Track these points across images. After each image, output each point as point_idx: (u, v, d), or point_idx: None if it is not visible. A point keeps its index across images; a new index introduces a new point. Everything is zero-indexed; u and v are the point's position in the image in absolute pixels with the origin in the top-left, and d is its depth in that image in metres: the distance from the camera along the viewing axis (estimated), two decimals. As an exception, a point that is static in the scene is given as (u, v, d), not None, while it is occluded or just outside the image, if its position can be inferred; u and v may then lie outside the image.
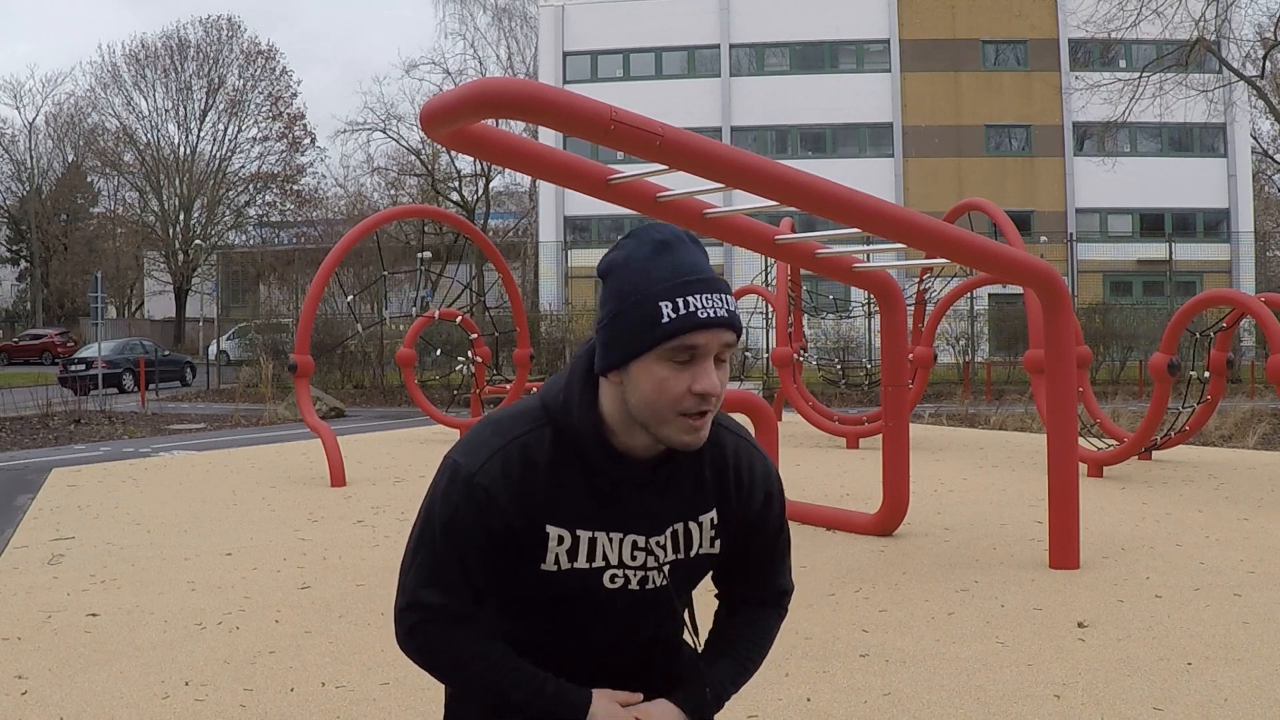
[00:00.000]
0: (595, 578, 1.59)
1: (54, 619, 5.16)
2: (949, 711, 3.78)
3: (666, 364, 1.46)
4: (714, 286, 1.47)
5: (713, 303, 1.45)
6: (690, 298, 1.45)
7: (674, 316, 1.44)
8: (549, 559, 1.56)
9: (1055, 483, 6.10)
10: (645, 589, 1.62)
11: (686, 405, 1.46)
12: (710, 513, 1.62)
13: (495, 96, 4.04)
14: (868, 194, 5.24)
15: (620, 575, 1.60)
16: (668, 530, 1.60)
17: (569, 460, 1.55)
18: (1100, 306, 26.93)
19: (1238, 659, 4.29)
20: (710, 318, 1.44)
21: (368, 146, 76.14)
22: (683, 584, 1.68)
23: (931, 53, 36.00)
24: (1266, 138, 42.46)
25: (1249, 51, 25.43)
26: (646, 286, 1.46)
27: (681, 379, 1.46)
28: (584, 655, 1.67)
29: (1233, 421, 13.36)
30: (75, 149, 51.18)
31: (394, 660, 4.45)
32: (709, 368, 1.46)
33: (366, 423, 17.32)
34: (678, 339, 1.44)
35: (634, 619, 1.65)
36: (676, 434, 1.49)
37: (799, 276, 14.29)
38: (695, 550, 1.63)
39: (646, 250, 1.50)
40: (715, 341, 1.46)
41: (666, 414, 1.47)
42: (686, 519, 1.61)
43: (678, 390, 1.46)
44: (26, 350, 40.43)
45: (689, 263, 1.48)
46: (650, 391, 1.47)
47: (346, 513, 8.26)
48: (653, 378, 1.46)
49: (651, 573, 1.61)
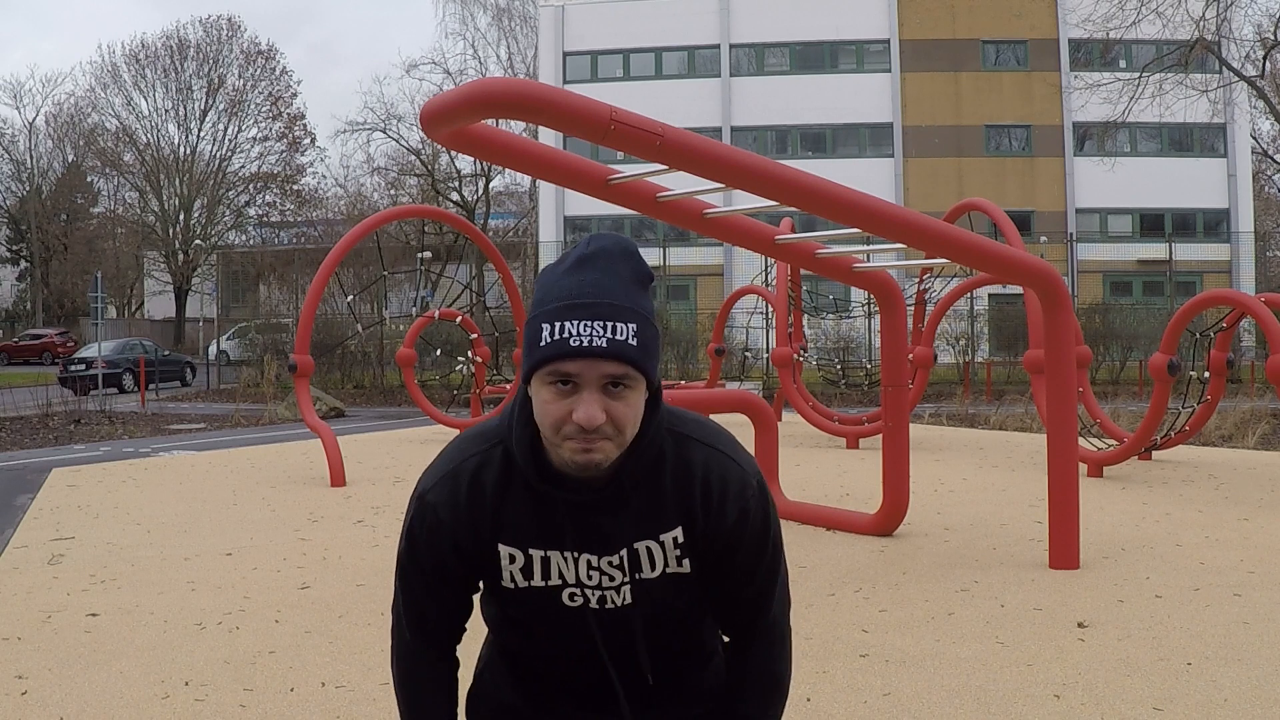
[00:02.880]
0: (553, 596, 1.58)
1: (54, 619, 5.16)
2: (949, 711, 3.78)
3: (549, 387, 1.43)
4: (598, 313, 1.41)
5: (591, 330, 1.40)
6: (568, 323, 1.41)
7: (549, 341, 1.42)
8: (505, 577, 1.57)
9: (1055, 483, 6.10)
10: (605, 608, 1.58)
11: (568, 431, 1.43)
12: (673, 531, 1.55)
13: (495, 96, 4.04)
14: (868, 194, 5.24)
15: (579, 594, 1.57)
16: (621, 551, 1.55)
17: (517, 480, 1.54)
18: (1100, 306, 26.93)
19: (1238, 659, 4.29)
20: (582, 347, 1.40)
21: (368, 146, 76.24)
22: (659, 604, 1.60)
23: (931, 53, 36.00)
24: (1266, 138, 42.50)
25: (1249, 51, 25.43)
26: (540, 306, 1.45)
27: (562, 405, 1.43)
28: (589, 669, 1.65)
29: (1233, 421, 13.35)
30: (75, 149, 51.21)
31: (394, 660, 4.46)
32: (589, 398, 1.41)
33: (366, 423, 17.32)
34: (550, 364, 1.42)
35: (616, 637, 1.61)
36: (569, 455, 1.45)
37: (799, 276, 14.29)
38: (659, 570, 1.57)
39: (563, 266, 1.48)
40: (593, 371, 1.41)
41: (554, 437, 1.45)
42: (645, 538, 1.55)
43: (558, 415, 1.43)
44: (26, 350, 40.43)
45: (587, 285, 1.44)
46: (539, 412, 1.46)
47: (346, 513, 8.26)
48: (540, 399, 1.45)
49: (609, 592, 1.57)
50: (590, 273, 1.45)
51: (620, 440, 1.46)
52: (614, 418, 1.43)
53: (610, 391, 1.42)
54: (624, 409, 1.44)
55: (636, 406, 1.46)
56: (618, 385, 1.42)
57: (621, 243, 1.51)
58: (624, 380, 1.42)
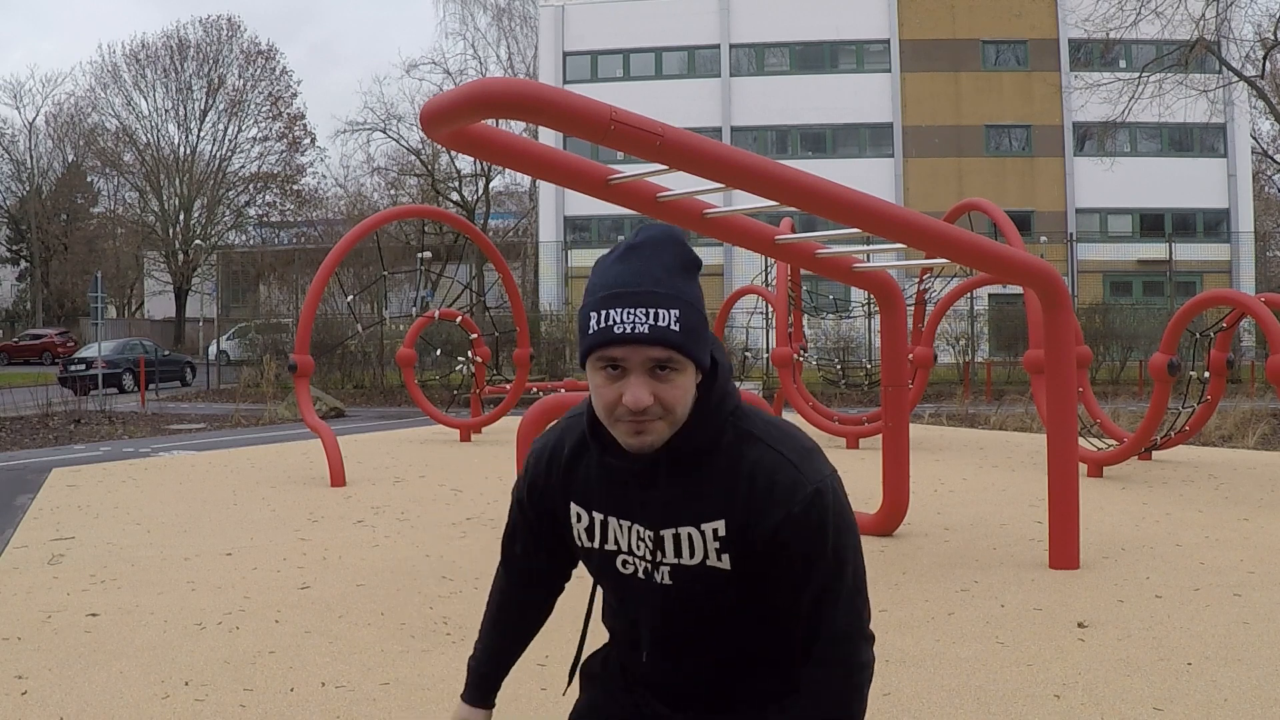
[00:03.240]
0: (610, 560, 1.68)
1: (54, 619, 5.16)
2: (949, 711, 3.78)
3: (600, 373, 1.52)
4: (638, 301, 1.47)
5: (632, 318, 1.47)
6: (612, 311, 1.48)
7: (596, 329, 1.50)
8: (574, 535, 1.71)
9: (1055, 483, 6.10)
10: (652, 582, 1.63)
11: (619, 413, 1.51)
12: (715, 523, 1.56)
13: (495, 96, 4.04)
14: (868, 194, 5.24)
15: (630, 562, 1.65)
16: (666, 530, 1.59)
17: (591, 449, 1.66)
18: (1100, 306, 26.94)
19: (1238, 659, 4.29)
20: (625, 333, 1.47)
21: (368, 146, 76.24)
22: (701, 595, 1.61)
23: (931, 53, 36.00)
24: (1266, 138, 42.49)
25: (1249, 51, 25.42)
26: (590, 295, 1.53)
27: (613, 389, 1.51)
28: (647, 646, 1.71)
29: (1233, 421, 13.35)
30: (75, 149, 51.22)
31: (394, 660, 4.46)
32: (636, 381, 1.48)
33: (366, 423, 17.31)
34: (598, 351, 1.50)
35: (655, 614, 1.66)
36: (622, 437, 1.54)
37: (799, 276, 14.28)
38: (698, 559, 1.59)
39: (612, 257, 1.55)
40: (638, 356, 1.48)
41: (608, 419, 1.54)
42: (687, 524, 1.58)
43: (609, 398, 1.52)
44: (26, 350, 40.43)
45: (629, 274, 1.50)
46: (593, 395, 1.56)
47: (346, 513, 8.26)
48: (593, 384, 1.55)
49: (652, 567, 1.63)
50: (635, 261, 1.51)
51: (671, 419, 1.52)
52: (661, 400, 1.50)
53: (657, 375, 1.49)
54: (671, 391, 1.50)
55: (684, 388, 1.52)
56: (664, 369, 1.49)
57: (668, 230, 1.57)
58: (669, 364, 1.49)
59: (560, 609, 2.05)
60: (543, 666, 4.29)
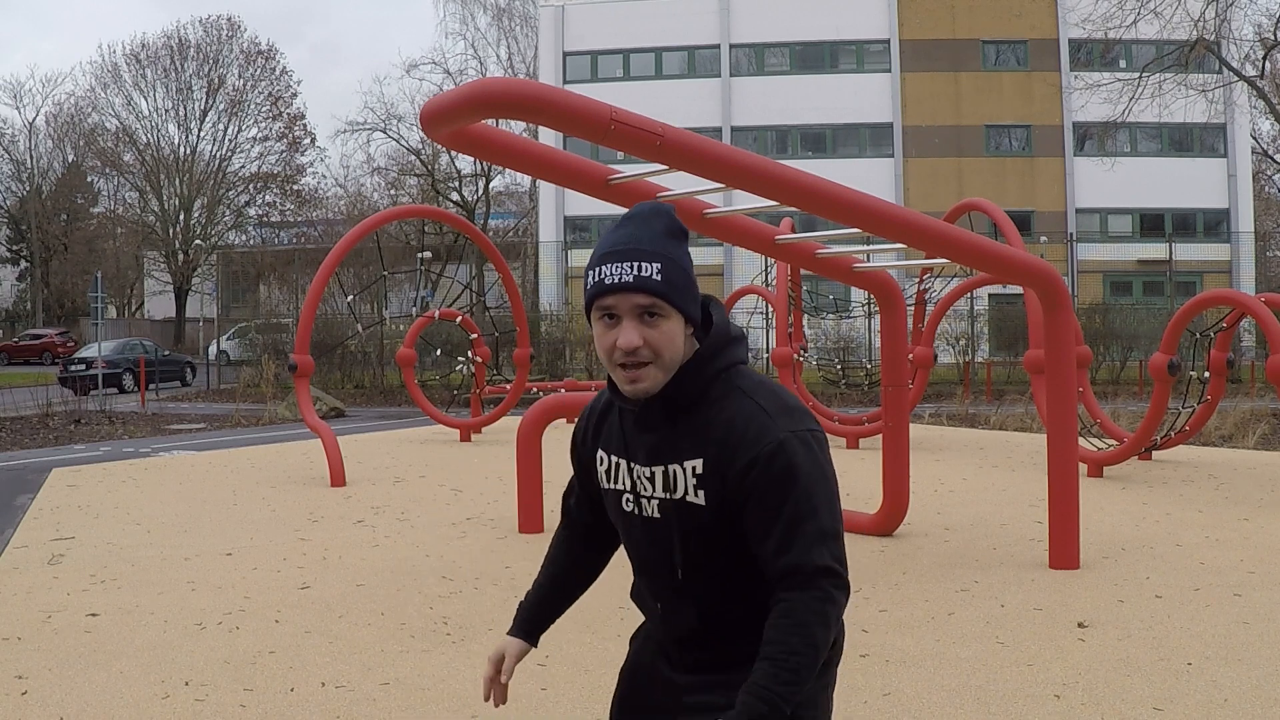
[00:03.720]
0: (618, 499, 1.86)
1: (54, 619, 5.16)
2: (949, 711, 3.78)
3: (599, 323, 1.73)
4: (625, 256, 1.69)
5: (619, 270, 1.68)
6: (603, 267, 1.70)
7: (592, 283, 1.72)
8: (600, 480, 1.90)
9: (1055, 483, 6.10)
10: (644, 517, 1.82)
11: (616, 357, 1.71)
12: (694, 461, 1.73)
13: (495, 96, 4.04)
14: (868, 194, 5.24)
15: (631, 500, 1.84)
16: (657, 467, 1.77)
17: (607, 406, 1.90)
18: (1100, 306, 26.93)
19: (1238, 659, 4.29)
20: (614, 283, 1.68)
21: (368, 146, 76.22)
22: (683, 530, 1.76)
23: (931, 53, 35.99)
24: (1266, 138, 42.47)
25: (1249, 51, 25.42)
26: (591, 257, 1.74)
27: (609, 335, 1.71)
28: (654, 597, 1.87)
29: (1233, 421, 13.35)
30: (75, 149, 51.19)
31: (394, 660, 4.46)
32: (627, 325, 1.69)
33: (366, 423, 17.31)
34: (595, 302, 1.72)
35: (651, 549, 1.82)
36: (621, 384, 1.74)
37: (799, 276, 14.28)
38: (681, 494, 1.75)
39: (614, 225, 1.76)
40: (626, 303, 1.69)
41: (609, 365, 1.74)
42: (672, 461, 1.76)
43: (607, 344, 1.72)
44: (26, 350, 40.40)
45: (618, 237, 1.72)
46: (597, 347, 1.75)
47: (346, 513, 8.26)
48: (596, 333, 1.75)
49: (644, 501, 1.81)
50: (628, 228, 1.73)
51: (661, 364, 1.71)
52: (650, 343, 1.69)
53: (646, 321, 1.69)
54: (658, 335, 1.69)
55: (670, 334, 1.70)
56: (652, 315, 1.69)
57: (657, 204, 1.78)
58: (654, 309, 1.68)
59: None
60: (543, 667, 4.29)
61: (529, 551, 6.72)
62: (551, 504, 8.03)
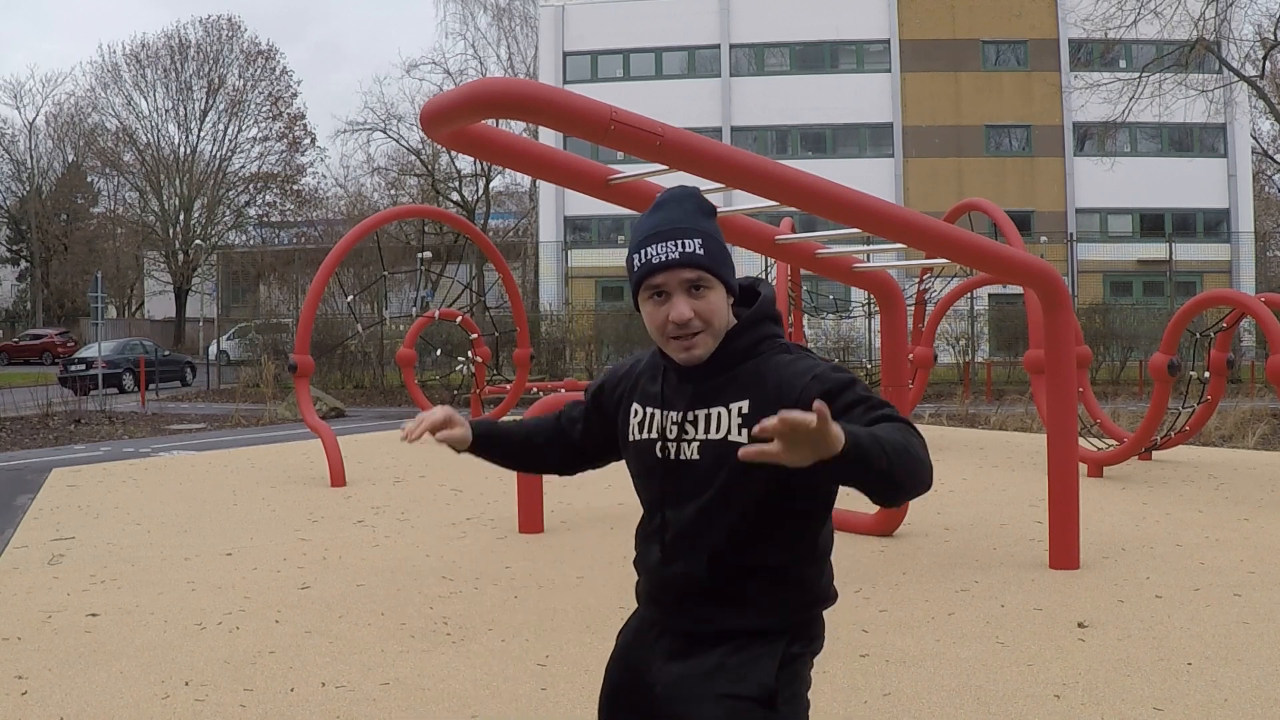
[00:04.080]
0: (651, 447, 1.95)
1: (54, 619, 5.16)
2: (949, 711, 3.78)
3: (649, 301, 1.87)
4: (669, 236, 1.82)
5: (665, 249, 1.81)
6: (649, 248, 1.83)
7: (639, 265, 1.85)
8: (630, 432, 2.00)
9: (1055, 483, 6.10)
10: (679, 459, 1.90)
11: (670, 330, 1.84)
12: (740, 402, 1.84)
13: (495, 96, 4.04)
14: (868, 194, 5.24)
15: (665, 447, 1.92)
16: (700, 410, 1.88)
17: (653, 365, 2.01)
18: (1100, 306, 26.91)
19: (1238, 659, 4.29)
20: (662, 261, 1.81)
21: (368, 146, 76.16)
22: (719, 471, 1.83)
23: (931, 53, 35.99)
24: (1266, 138, 42.46)
25: (1249, 51, 25.42)
26: (632, 243, 1.88)
27: (660, 311, 1.85)
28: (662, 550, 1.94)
29: (1233, 421, 13.35)
30: (75, 149, 51.18)
31: (394, 660, 4.46)
32: (677, 299, 1.82)
33: (366, 423, 17.31)
34: (644, 282, 1.85)
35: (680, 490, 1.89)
36: (674, 352, 1.87)
37: (799, 276, 14.28)
38: (723, 434, 1.84)
39: (647, 212, 1.90)
40: (674, 279, 1.82)
41: (661, 338, 1.88)
42: (716, 405, 1.86)
43: (659, 320, 1.85)
44: (26, 350, 40.39)
45: (658, 219, 1.86)
46: (647, 323, 1.89)
47: (346, 513, 8.26)
48: (646, 312, 1.89)
49: (684, 444, 1.89)
50: (662, 211, 1.87)
51: (711, 331, 1.84)
52: (700, 313, 1.82)
53: (693, 294, 1.83)
54: (706, 305, 1.83)
55: (717, 303, 1.84)
56: (698, 288, 1.82)
57: (684, 187, 1.93)
58: (700, 282, 1.82)
59: (560, 612, 2.06)
60: (543, 667, 4.29)
61: (529, 551, 6.72)
62: (551, 504, 8.03)
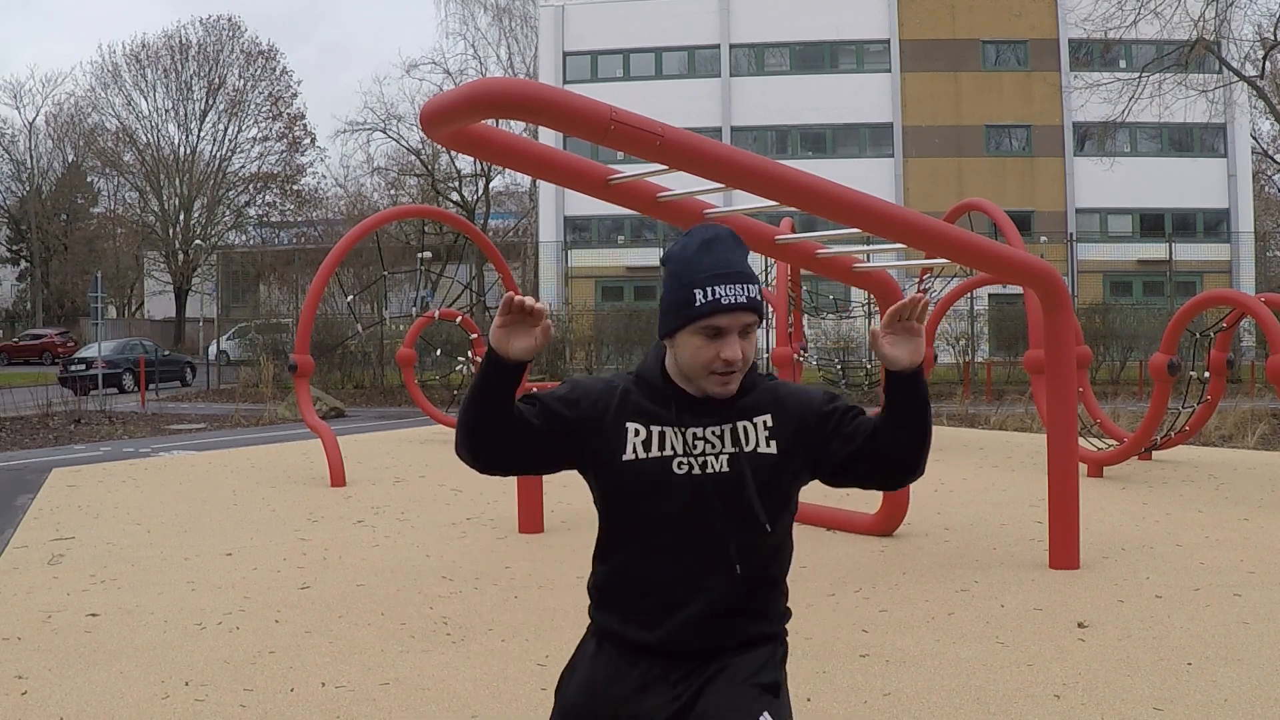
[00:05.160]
0: (665, 465, 1.93)
1: (54, 619, 5.16)
2: (949, 711, 3.78)
3: (699, 336, 1.88)
4: (739, 279, 1.88)
5: (734, 292, 1.87)
6: (717, 287, 1.87)
7: (704, 301, 1.86)
8: (628, 450, 1.95)
9: (1055, 483, 6.10)
10: (706, 473, 1.93)
11: (716, 367, 1.89)
12: (764, 416, 1.96)
13: (495, 96, 4.04)
14: (868, 194, 5.24)
15: (685, 463, 1.93)
16: (725, 425, 1.94)
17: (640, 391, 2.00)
18: (1100, 306, 26.91)
19: (1238, 659, 4.29)
20: (731, 304, 1.86)
21: (368, 146, 76.11)
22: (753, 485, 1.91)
23: (931, 53, 35.98)
24: (1266, 138, 42.43)
25: (1249, 51, 25.41)
26: (688, 276, 1.89)
27: (711, 348, 1.89)
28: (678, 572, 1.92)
29: (1233, 421, 13.35)
30: (75, 149, 51.16)
31: (394, 660, 4.46)
32: (733, 340, 1.88)
33: (366, 423, 17.31)
34: (706, 319, 1.87)
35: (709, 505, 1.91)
36: (710, 387, 1.92)
37: (799, 276, 14.28)
38: (753, 447, 1.94)
39: (694, 246, 1.93)
40: (737, 322, 1.88)
41: (700, 373, 1.91)
42: (742, 419, 1.95)
43: (707, 356, 1.89)
44: (26, 350, 40.36)
45: (722, 259, 1.90)
46: (688, 357, 1.91)
47: (346, 513, 8.26)
48: (690, 346, 1.90)
49: (709, 458, 1.93)
50: (720, 251, 1.92)
51: (743, 369, 1.93)
52: (745, 355, 1.91)
53: (745, 335, 1.91)
54: (750, 347, 1.92)
55: (754, 344, 1.94)
56: (748, 331, 1.91)
57: (729, 230, 1.97)
58: (752, 327, 1.91)
59: (560, 612, 2.06)
60: (543, 667, 4.29)
61: (529, 551, 6.73)
62: (551, 504, 8.03)
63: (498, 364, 1.91)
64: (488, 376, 1.93)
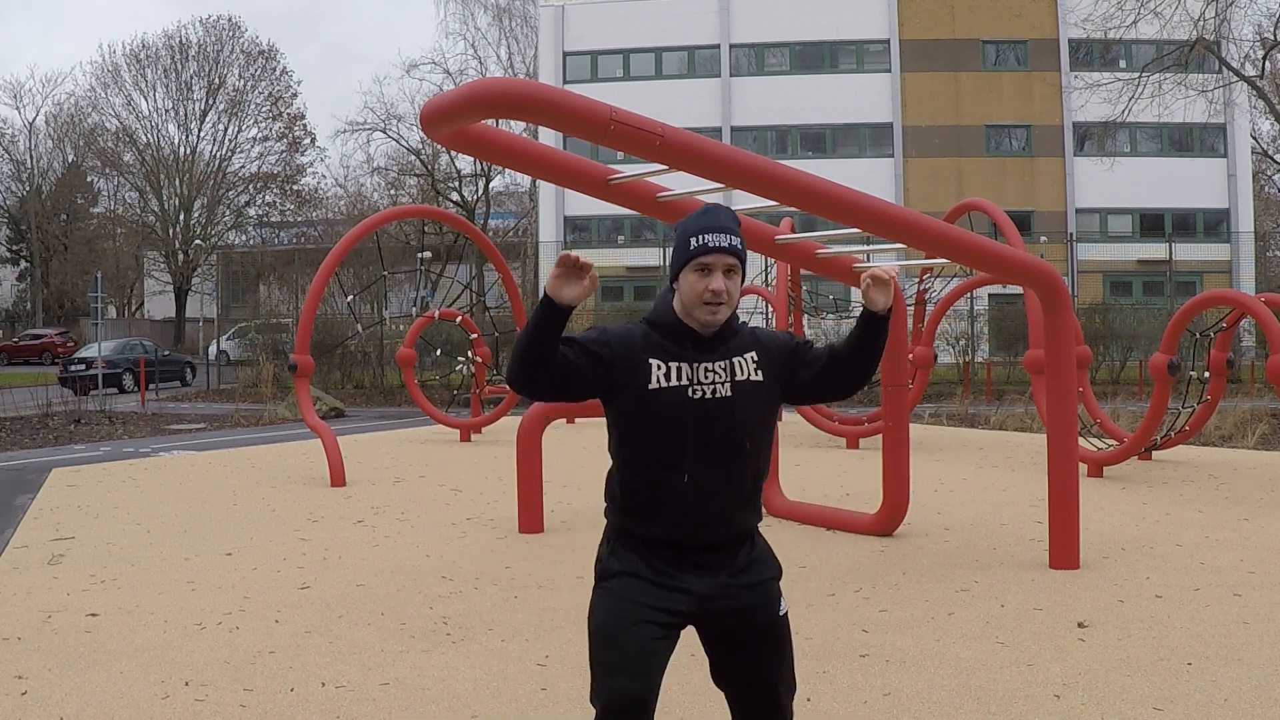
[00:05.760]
0: (682, 392, 2.47)
1: (54, 619, 5.16)
2: (949, 711, 3.78)
3: (694, 273, 2.47)
4: (724, 231, 2.46)
5: (719, 238, 2.45)
6: (706, 235, 2.46)
7: (696, 245, 2.46)
8: (653, 380, 2.47)
9: (1055, 483, 6.10)
10: (715, 397, 2.48)
11: (706, 298, 2.45)
12: (751, 353, 2.55)
13: (495, 96, 4.04)
14: (868, 194, 5.24)
15: (698, 389, 2.48)
16: (724, 360, 2.51)
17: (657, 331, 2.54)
18: (1100, 306, 26.91)
19: (1238, 659, 4.29)
20: (717, 246, 2.45)
21: (368, 146, 76.12)
22: (746, 402, 2.49)
23: (931, 53, 35.99)
24: (1266, 138, 42.44)
25: (1248, 51, 25.40)
26: (688, 231, 2.49)
27: (702, 282, 2.46)
28: (694, 476, 2.46)
29: (1232, 421, 13.35)
30: (75, 149, 51.15)
31: (394, 660, 4.46)
32: (718, 276, 2.45)
33: (366, 423, 17.31)
34: (698, 258, 2.46)
35: (715, 423, 2.46)
36: (702, 315, 2.48)
37: (799, 276, 14.27)
38: (746, 375, 2.52)
39: (697, 213, 2.53)
40: (721, 262, 2.46)
41: (695, 303, 2.47)
42: (735, 356, 2.53)
43: (700, 289, 2.46)
44: (26, 350, 40.37)
45: (714, 219, 2.49)
46: (686, 290, 2.49)
47: (346, 513, 8.26)
48: (688, 281, 2.48)
49: (717, 386, 2.49)
50: (713, 215, 2.51)
51: (730, 305, 2.49)
52: (729, 290, 2.47)
53: (729, 275, 2.47)
54: (733, 285, 2.48)
55: (738, 286, 2.49)
56: (731, 272, 2.48)
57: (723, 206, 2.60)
58: (734, 269, 2.48)
59: (560, 612, 2.05)
60: (543, 667, 4.29)
61: (529, 551, 6.73)
62: (551, 504, 8.03)
63: (551, 308, 2.36)
64: (542, 318, 2.37)
